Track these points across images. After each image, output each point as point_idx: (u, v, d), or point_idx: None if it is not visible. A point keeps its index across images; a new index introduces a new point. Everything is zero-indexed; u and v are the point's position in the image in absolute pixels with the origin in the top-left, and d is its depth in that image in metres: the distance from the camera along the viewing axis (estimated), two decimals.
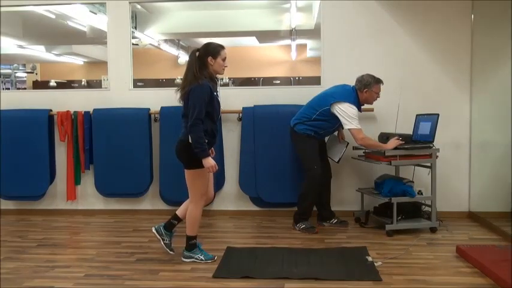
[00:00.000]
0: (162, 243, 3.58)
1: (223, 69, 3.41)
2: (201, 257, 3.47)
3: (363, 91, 4.15)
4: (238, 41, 11.24)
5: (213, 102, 3.29)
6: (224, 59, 3.38)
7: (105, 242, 4.12)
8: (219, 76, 3.48)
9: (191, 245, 3.50)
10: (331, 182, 4.51)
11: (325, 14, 4.82)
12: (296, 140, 4.32)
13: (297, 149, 4.35)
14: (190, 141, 3.25)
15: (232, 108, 4.79)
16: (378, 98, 4.23)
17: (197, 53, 3.34)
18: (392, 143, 4.11)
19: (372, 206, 4.50)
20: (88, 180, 5.05)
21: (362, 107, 4.27)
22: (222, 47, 3.38)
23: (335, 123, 4.19)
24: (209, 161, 3.26)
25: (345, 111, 4.08)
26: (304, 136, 4.23)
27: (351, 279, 3.11)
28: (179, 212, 3.63)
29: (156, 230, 3.62)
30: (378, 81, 4.17)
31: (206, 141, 3.25)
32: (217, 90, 3.41)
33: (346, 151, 4.43)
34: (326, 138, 4.50)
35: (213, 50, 3.34)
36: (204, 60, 3.32)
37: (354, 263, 3.40)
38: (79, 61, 12.82)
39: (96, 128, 4.91)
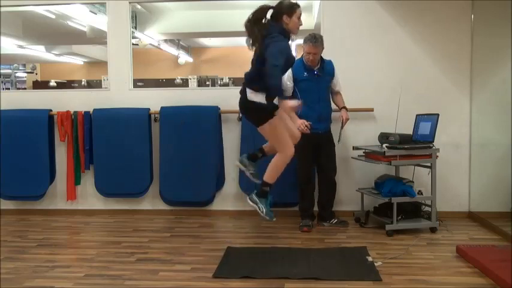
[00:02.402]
0: (248, 173, 3.57)
1: (298, 28, 3.38)
2: (263, 209, 3.41)
3: None
4: (238, 41, 11.24)
5: (290, 59, 3.32)
6: (299, 17, 3.32)
7: (105, 242, 4.12)
8: None
9: (263, 191, 3.45)
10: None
11: (325, 14, 4.82)
12: None
13: None
14: (249, 98, 3.28)
15: (232, 108, 4.78)
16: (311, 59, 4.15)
17: (270, 11, 3.27)
18: (299, 122, 4.00)
19: (372, 206, 4.50)
20: (88, 180, 5.04)
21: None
22: (297, 5, 3.33)
23: (294, 92, 4.24)
24: (287, 102, 3.25)
25: None
26: None
27: (351, 279, 3.11)
28: (265, 146, 3.60)
29: (240, 161, 3.59)
30: (305, 41, 4.14)
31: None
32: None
33: (348, 150, 4.43)
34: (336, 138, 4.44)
35: (288, 9, 3.28)
36: (279, 18, 3.27)
37: (354, 263, 3.40)
38: (79, 61, 12.84)
39: (96, 128, 4.91)
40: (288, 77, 4.16)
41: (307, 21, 7.87)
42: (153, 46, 9.96)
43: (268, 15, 3.35)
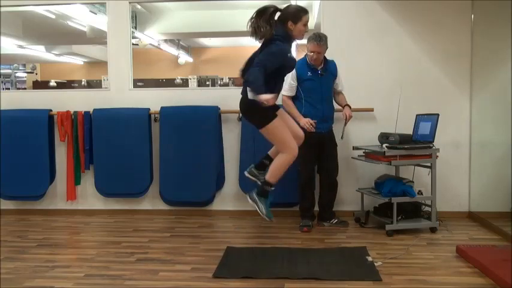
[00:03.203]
0: (259, 182, 3.51)
1: (303, 35, 3.35)
2: (263, 210, 3.37)
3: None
4: (238, 41, 11.25)
5: (285, 63, 3.28)
6: (305, 24, 3.29)
7: (105, 242, 4.12)
8: None
9: (265, 191, 3.40)
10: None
11: (325, 14, 4.82)
12: None
13: None
14: (250, 97, 3.23)
15: (232, 108, 4.79)
16: (315, 57, 4.15)
17: (277, 13, 3.24)
18: (304, 120, 4.08)
19: (372, 206, 4.50)
20: (88, 180, 5.04)
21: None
22: (305, 12, 3.28)
23: (298, 92, 4.23)
24: (265, 96, 3.16)
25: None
26: None
27: (351, 279, 3.11)
28: (271, 152, 3.56)
29: (249, 173, 3.55)
30: (310, 40, 4.11)
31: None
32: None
33: (348, 150, 4.43)
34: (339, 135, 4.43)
35: (294, 15, 3.24)
36: (284, 23, 3.24)
37: (354, 263, 3.40)
38: (79, 61, 12.84)
39: (96, 128, 4.91)
40: (292, 76, 4.16)
41: None
42: (153, 46, 9.96)
43: (276, 16, 3.31)
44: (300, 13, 3.25)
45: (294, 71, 4.11)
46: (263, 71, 3.20)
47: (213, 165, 4.78)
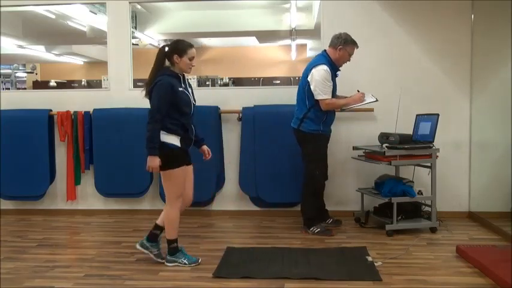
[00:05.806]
0: (152, 255, 3.47)
1: (190, 68, 3.36)
2: (185, 261, 3.38)
3: (337, 48, 4.07)
4: (238, 41, 11.26)
5: (177, 95, 3.24)
6: (191, 59, 3.31)
7: (105, 242, 4.12)
8: (187, 75, 3.45)
9: (172, 248, 3.40)
10: (328, 183, 4.43)
11: (325, 14, 4.83)
12: (302, 140, 4.19)
13: (303, 150, 4.23)
14: (161, 139, 3.24)
15: (232, 108, 4.80)
16: (348, 62, 4.17)
17: (166, 49, 3.32)
18: (357, 96, 4.16)
19: (372, 206, 4.50)
20: (88, 180, 5.04)
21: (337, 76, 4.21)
22: (190, 46, 3.32)
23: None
24: (155, 160, 3.20)
25: (316, 78, 3.99)
26: (311, 135, 4.12)
27: (351, 279, 3.11)
28: (159, 220, 3.50)
29: (140, 245, 3.50)
30: (354, 43, 4.11)
31: (157, 141, 3.23)
32: (185, 84, 3.35)
33: (348, 150, 4.43)
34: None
35: (180, 48, 3.29)
36: (170, 57, 3.29)
37: (354, 263, 3.41)
38: (79, 61, 12.83)
39: (96, 128, 4.91)
40: (327, 77, 4.03)
41: (307, 21, 7.93)
42: (153, 46, 9.95)
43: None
44: (186, 47, 3.30)
45: (328, 71, 4.02)
46: (158, 126, 3.21)
47: (213, 165, 4.77)
